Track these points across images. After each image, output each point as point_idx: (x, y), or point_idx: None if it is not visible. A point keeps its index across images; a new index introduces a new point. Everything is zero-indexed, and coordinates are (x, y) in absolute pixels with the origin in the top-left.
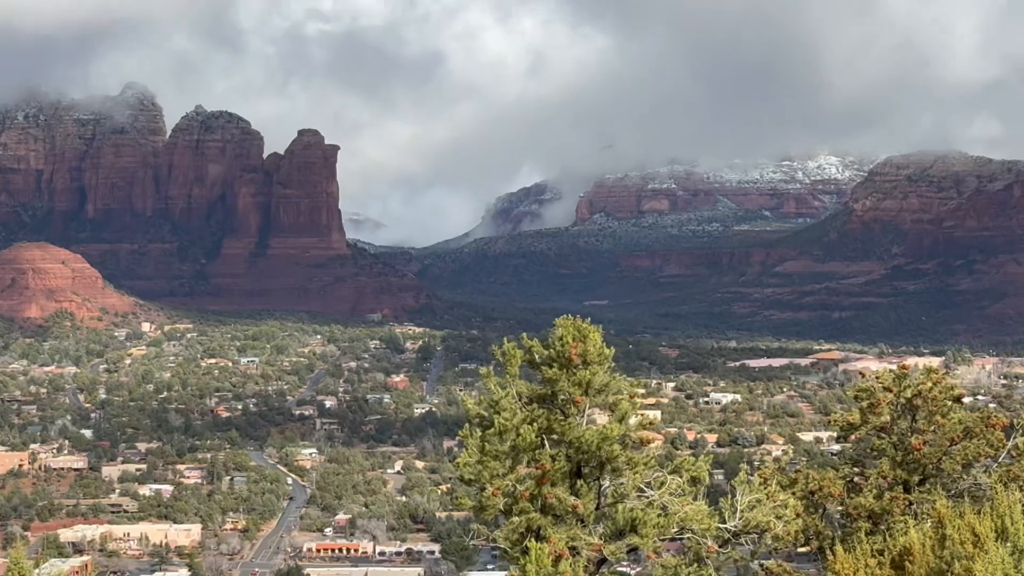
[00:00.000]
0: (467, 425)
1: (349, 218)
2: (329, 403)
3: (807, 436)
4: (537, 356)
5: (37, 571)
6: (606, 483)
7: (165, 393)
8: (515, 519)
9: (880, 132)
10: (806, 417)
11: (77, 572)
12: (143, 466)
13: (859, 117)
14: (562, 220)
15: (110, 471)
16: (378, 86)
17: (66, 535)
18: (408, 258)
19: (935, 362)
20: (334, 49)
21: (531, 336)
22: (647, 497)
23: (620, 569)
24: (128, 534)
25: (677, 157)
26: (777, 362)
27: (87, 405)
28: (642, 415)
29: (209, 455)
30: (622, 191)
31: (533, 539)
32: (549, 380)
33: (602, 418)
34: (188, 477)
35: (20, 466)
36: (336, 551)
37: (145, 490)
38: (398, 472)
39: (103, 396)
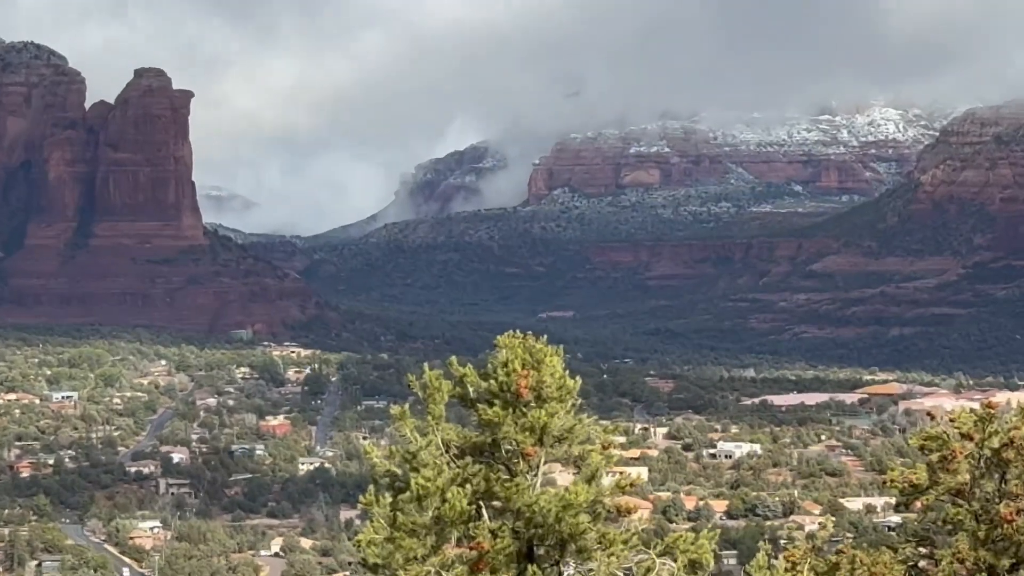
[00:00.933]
0: (373, 488)
1: (207, 194)
2: (178, 457)
3: (854, 503)
4: (472, 390)
5: None
6: (569, 570)
7: None
8: None
9: (957, 75)
10: (852, 476)
11: None
12: None
13: (928, 54)
14: (509, 198)
15: None
16: (251, 7)
17: None
18: (291, 251)
19: None
20: None
21: (464, 362)
22: None
23: None
24: None
25: (671, 109)
26: (812, 399)
27: None
28: (621, 473)
29: (7, 530)
30: (594, 157)
31: None
32: (489, 424)
33: (564, 477)
34: None
35: None
36: None
37: None
38: (276, 554)
39: None
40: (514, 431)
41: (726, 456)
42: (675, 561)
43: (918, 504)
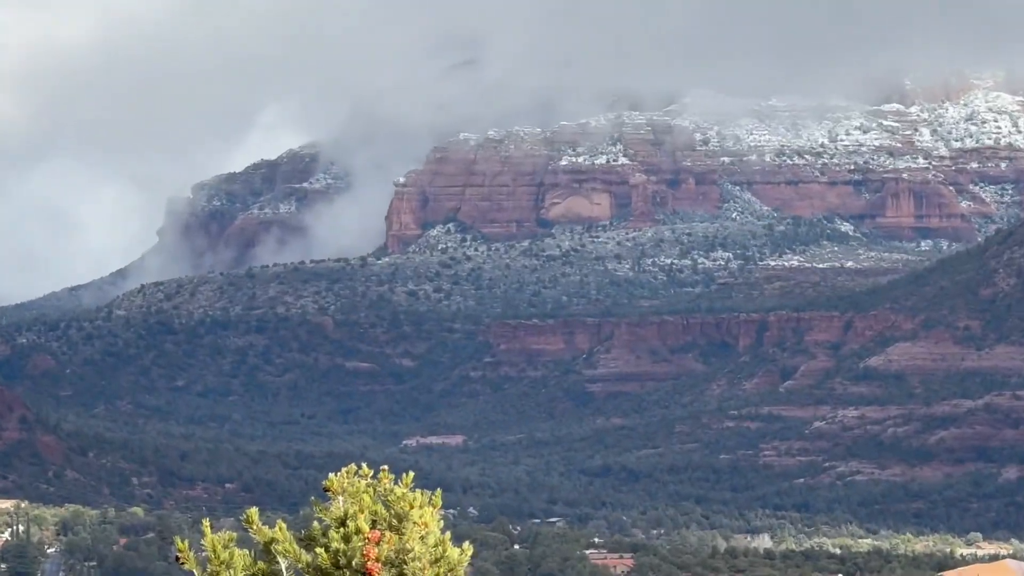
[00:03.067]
0: None
1: None
2: None
3: None
4: (287, 565)
5: None
6: None
7: None
8: None
9: None
10: None
11: None
12: None
13: None
14: (355, 241)
15: None
16: None
17: None
18: None
19: None
20: None
21: (273, 519)
22: None
23: None
24: None
25: (631, 90)
26: None
27: None
28: None
29: None
30: (499, 172)
31: None
32: None
33: None
34: None
35: None
36: None
37: None
38: None
39: None
40: None
41: None
42: None
43: None
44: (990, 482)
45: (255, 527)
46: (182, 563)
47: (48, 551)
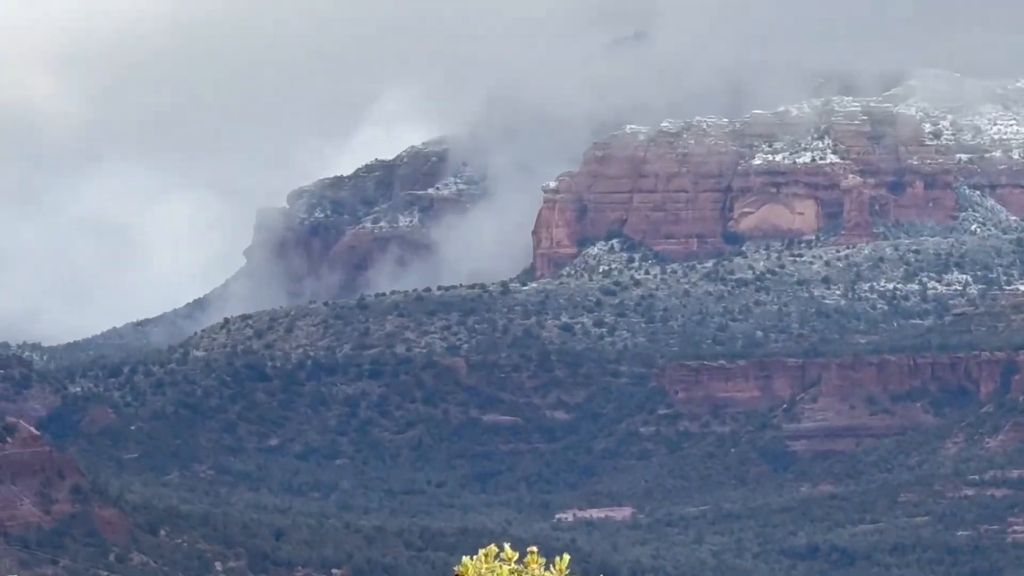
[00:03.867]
0: None
1: None
2: None
3: None
4: None
5: None
6: None
7: None
8: None
9: None
10: None
11: None
12: None
13: None
14: (494, 261)
15: None
16: None
17: None
18: (20, 377)
19: None
20: None
21: None
22: None
23: None
24: None
25: (842, 68)
26: None
27: None
28: None
29: None
30: (675, 175)
31: None
32: None
33: None
34: None
35: None
36: None
37: None
38: None
39: None
40: None
41: None
42: None
43: None
44: None
45: None
46: None
47: None
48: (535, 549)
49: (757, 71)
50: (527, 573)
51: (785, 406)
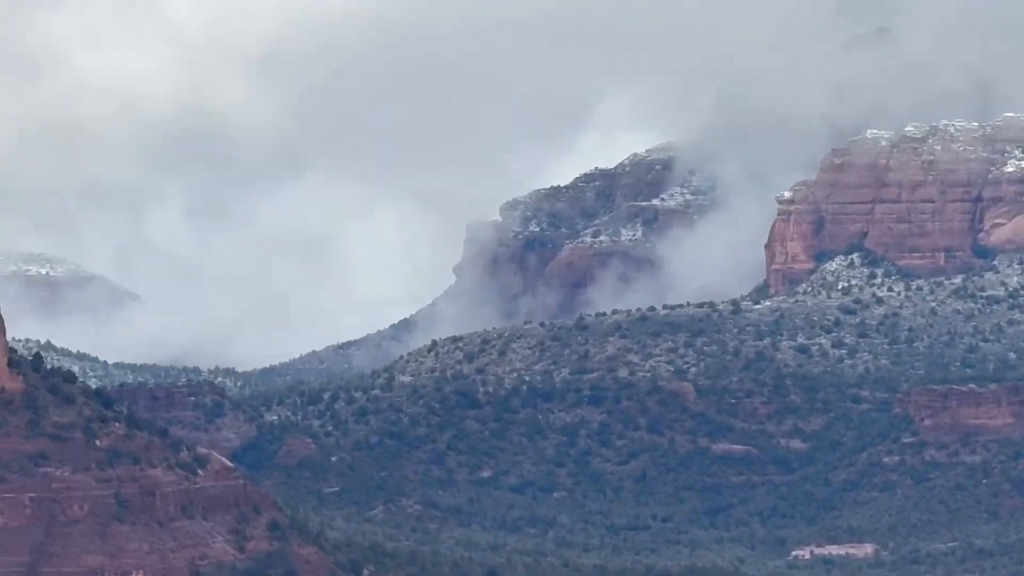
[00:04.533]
0: None
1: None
2: None
3: None
4: None
5: None
6: None
7: None
8: None
9: None
10: None
11: None
12: None
13: None
14: (724, 278)
15: None
16: None
17: None
18: (212, 404)
19: None
20: None
21: None
22: None
23: None
24: None
25: None
26: None
27: None
28: None
29: None
30: (920, 183)
31: None
32: None
33: None
34: None
35: None
36: None
37: None
38: None
39: None
40: None
41: None
42: None
43: None
44: None
45: None
46: None
47: None
48: None
49: (1009, 69)
50: None
51: None
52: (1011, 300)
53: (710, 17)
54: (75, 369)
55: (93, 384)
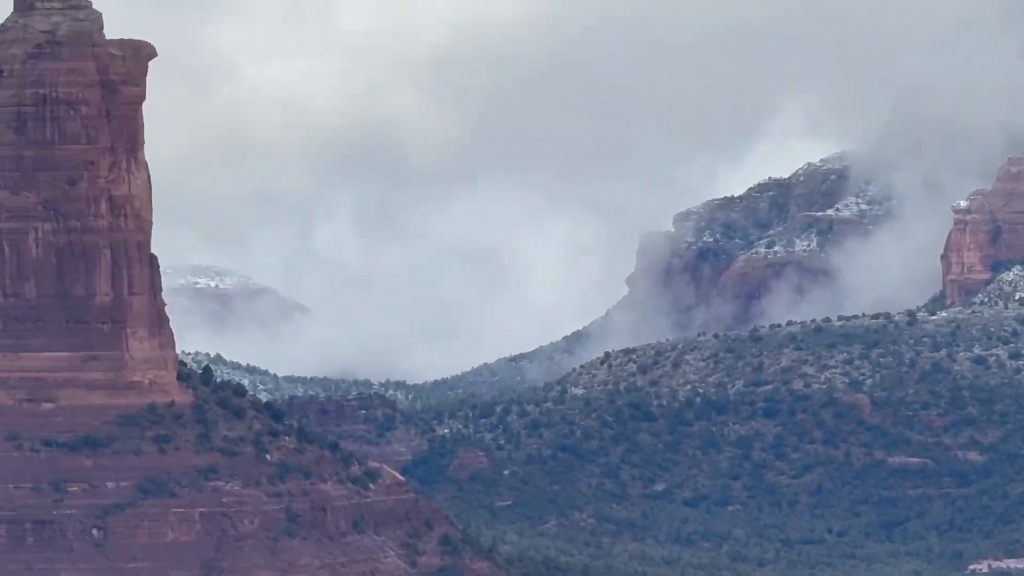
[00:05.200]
0: None
1: (191, 284)
2: None
3: None
4: None
5: None
6: None
7: None
8: None
9: None
10: None
11: None
12: None
13: None
14: (900, 289)
15: None
16: None
17: None
18: (384, 418)
19: None
20: None
21: None
22: None
23: None
24: None
25: None
26: None
27: None
28: None
29: None
30: None
31: None
32: None
33: None
34: None
35: None
36: None
37: None
38: None
39: None
40: None
41: None
42: None
43: None
44: None
45: None
46: None
47: None
48: None
49: None
50: None
51: None
52: None
53: (883, 25)
54: (245, 382)
55: (263, 397)
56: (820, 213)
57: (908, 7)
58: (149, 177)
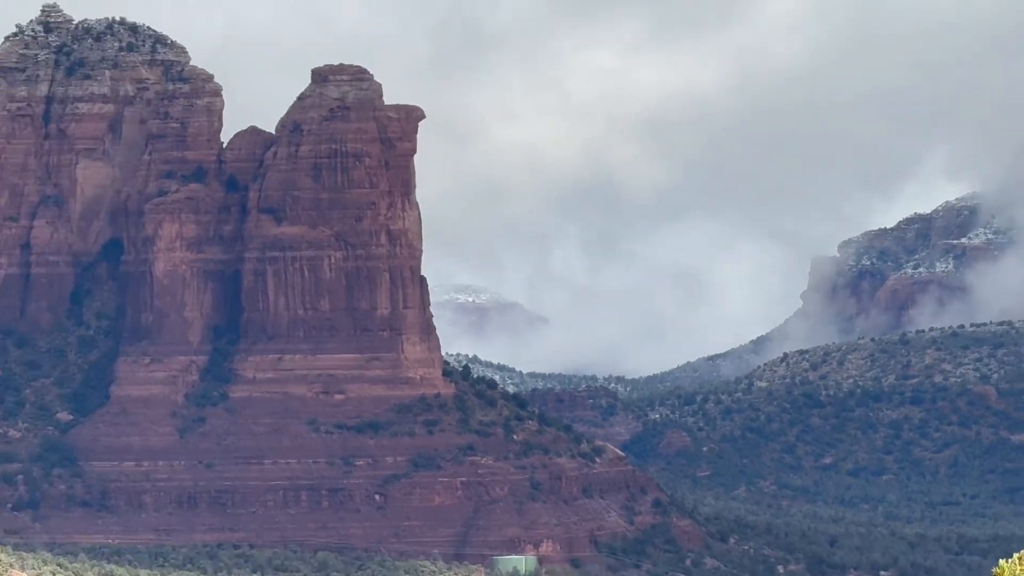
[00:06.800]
0: None
1: (454, 300)
2: None
3: None
4: None
5: None
6: None
7: None
8: None
9: None
10: None
11: None
12: None
13: None
14: (1020, 302)
15: None
16: None
17: None
18: (606, 405)
19: None
20: None
21: None
22: None
23: None
24: None
25: None
26: None
27: None
28: None
29: None
30: None
31: None
32: None
33: None
34: None
35: None
36: None
37: None
38: None
39: None
40: None
41: None
42: None
43: None
44: None
45: None
46: None
47: None
48: None
49: None
50: None
51: None
52: None
53: (1007, 87)
54: (496, 378)
55: (511, 390)
56: (956, 241)
57: None
58: (419, 214)
